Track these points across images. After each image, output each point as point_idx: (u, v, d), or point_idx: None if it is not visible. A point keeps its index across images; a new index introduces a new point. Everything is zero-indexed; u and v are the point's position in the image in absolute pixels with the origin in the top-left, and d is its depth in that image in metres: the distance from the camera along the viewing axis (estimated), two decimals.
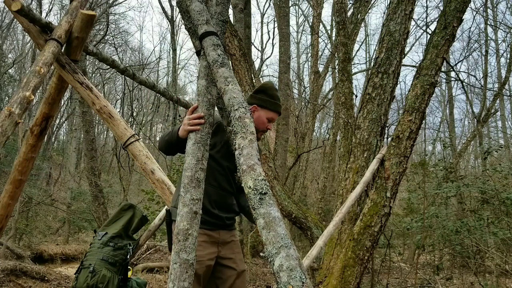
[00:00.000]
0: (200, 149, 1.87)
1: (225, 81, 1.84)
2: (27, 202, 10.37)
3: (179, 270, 1.64)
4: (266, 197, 1.43)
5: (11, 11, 2.51)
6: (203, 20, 2.05)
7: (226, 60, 1.93)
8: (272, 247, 1.30)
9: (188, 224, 1.71)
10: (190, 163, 1.85)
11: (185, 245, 1.67)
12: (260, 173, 1.50)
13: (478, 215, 6.39)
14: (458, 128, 19.48)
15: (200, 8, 2.10)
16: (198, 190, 1.79)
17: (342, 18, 6.46)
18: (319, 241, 3.39)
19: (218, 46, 1.97)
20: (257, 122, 2.23)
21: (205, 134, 1.91)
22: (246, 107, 1.75)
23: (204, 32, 2.02)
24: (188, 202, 1.76)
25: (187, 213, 1.74)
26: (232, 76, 1.87)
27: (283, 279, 1.21)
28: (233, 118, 1.72)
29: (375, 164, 4.04)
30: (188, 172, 1.83)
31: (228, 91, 1.80)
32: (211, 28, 2.03)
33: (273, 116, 2.27)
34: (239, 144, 1.62)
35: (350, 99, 6.49)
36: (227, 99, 1.79)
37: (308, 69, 19.29)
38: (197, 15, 2.08)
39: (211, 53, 1.94)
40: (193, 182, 1.79)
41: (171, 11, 17.63)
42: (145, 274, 7.96)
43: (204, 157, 1.87)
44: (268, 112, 2.26)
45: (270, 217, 1.37)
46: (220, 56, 1.93)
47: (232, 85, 1.82)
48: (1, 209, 3.00)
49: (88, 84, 2.80)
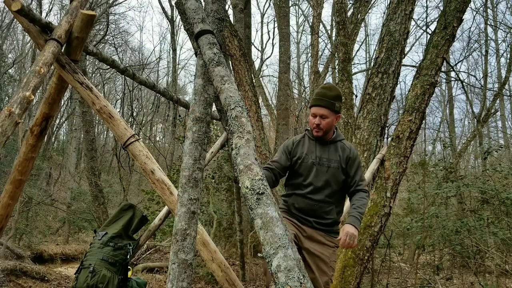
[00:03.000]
0: (198, 149, 1.85)
1: (221, 80, 1.82)
2: (27, 202, 10.36)
3: (178, 270, 1.64)
4: (263, 197, 1.42)
5: (11, 11, 2.51)
6: (199, 18, 2.02)
7: (222, 59, 1.90)
8: (270, 248, 1.29)
9: (186, 224, 1.70)
10: (187, 162, 1.83)
11: (183, 245, 1.66)
12: (257, 173, 1.48)
13: (478, 215, 6.39)
14: (458, 128, 19.48)
15: (196, 6, 2.07)
16: (195, 190, 1.76)
17: (342, 18, 6.46)
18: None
19: (214, 44, 1.95)
20: (310, 123, 2.43)
21: (202, 133, 1.89)
22: (243, 106, 1.74)
23: (199, 30, 1.99)
24: (186, 202, 1.74)
25: (185, 213, 1.72)
26: (229, 75, 1.85)
27: (281, 279, 1.20)
28: (230, 117, 1.70)
29: (375, 164, 4.04)
30: (185, 172, 1.82)
31: (225, 90, 1.78)
32: (206, 26, 2.00)
33: (313, 111, 2.40)
34: (236, 144, 1.60)
35: (350, 99, 6.49)
36: (224, 98, 1.76)
37: (308, 69, 19.28)
38: (192, 13, 2.05)
39: (207, 51, 1.92)
40: (191, 182, 1.77)
41: (171, 11, 17.63)
42: (145, 274, 7.95)
43: (201, 156, 1.84)
44: (311, 109, 2.43)
45: (268, 217, 1.36)
46: (216, 54, 1.90)
47: (229, 84, 1.79)
48: (1, 209, 3.00)
49: (88, 84, 2.80)
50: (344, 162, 2.40)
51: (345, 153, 2.41)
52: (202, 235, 2.63)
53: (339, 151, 2.42)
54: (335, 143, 2.44)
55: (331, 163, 2.40)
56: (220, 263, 2.65)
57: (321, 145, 2.43)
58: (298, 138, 2.53)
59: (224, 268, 2.66)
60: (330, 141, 2.44)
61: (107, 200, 11.53)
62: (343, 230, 2.21)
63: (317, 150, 2.42)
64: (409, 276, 7.44)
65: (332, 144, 2.44)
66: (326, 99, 2.35)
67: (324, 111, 2.35)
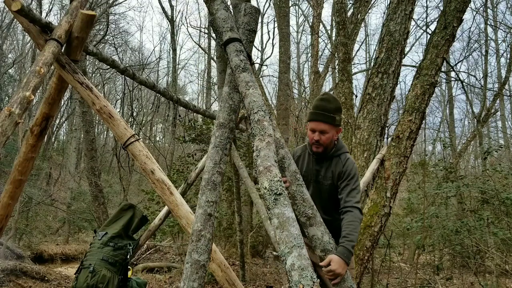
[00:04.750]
0: (218, 153, 1.91)
1: (246, 86, 1.88)
2: (27, 202, 10.36)
3: (190, 270, 1.67)
4: (281, 198, 1.47)
5: (11, 11, 2.51)
6: (228, 27, 2.08)
7: (248, 66, 1.96)
8: (285, 247, 1.35)
9: (201, 225, 1.74)
10: (208, 166, 1.90)
11: (197, 245, 1.70)
12: (276, 174, 1.53)
13: (478, 215, 6.39)
14: (458, 128, 19.51)
15: (225, 16, 2.12)
16: (213, 193, 1.82)
17: (342, 18, 6.47)
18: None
19: (241, 52, 2.01)
20: (309, 137, 2.28)
21: (224, 139, 1.95)
22: (265, 110, 1.79)
23: (228, 38, 2.05)
24: (203, 204, 1.79)
25: (202, 215, 1.77)
26: (253, 81, 1.91)
27: (294, 277, 1.25)
28: (253, 121, 1.76)
29: (375, 164, 4.04)
30: (205, 175, 1.89)
31: (249, 95, 1.84)
32: (235, 34, 2.06)
33: (312, 126, 2.23)
34: (257, 146, 1.66)
35: (350, 99, 6.50)
36: (248, 103, 1.83)
37: (308, 69, 19.30)
38: (222, 22, 2.11)
39: (234, 58, 1.97)
40: (209, 185, 1.84)
41: (171, 11, 17.64)
42: (145, 274, 7.96)
43: (222, 160, 1.90)
44: (309, 123, 2.27)
45: (284, 217, 1.41)
46: (242, 61, 1.96)
47: (253, 89, 1.86)
48: (1, 209, 3.00)
49: (88, 84, 2.80)
50: (336, 178, 2.23)
51: (338, 169, 2.23)
52: None
53: (333, 166, 2.26)
54: (332, 159, 2.28)
55: (326, 180, 2.26)
56: (220, 263, 2.65)
57: (319, 161, 2.30)
58: (299, 153, 2.40)
59: (224, 268, 2.65)
60: (329, 156, 2.28)
61: (107, 200, 11.53)
62: (329, 260, 1.88)
63: (314, 166, 2.30)
64: (409, 276, 7.44)
65: (329, 160, 2.28)
66: (325, 113, 2.18)
67: (324, 126, 2.18)
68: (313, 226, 1.77)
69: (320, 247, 1.76)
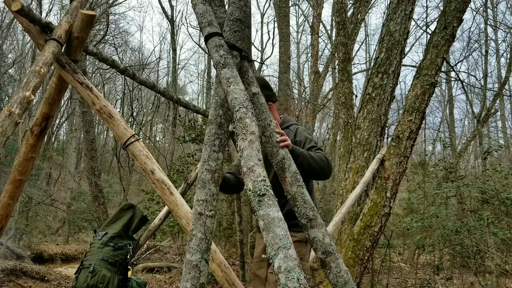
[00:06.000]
0: (206, 150, 1.83)
1: (227, 82, 1.79)
2: (27, 202, 10.36)
3: (184, 270, 1.65)
4: (265, 198, 1.41)
5: (11, 11, 2.51)
6: (206, 22, 2.00)
7: (229, 60, 1.87)
8: (271, 249, 1.30)
9: (192, 225, 1.70)
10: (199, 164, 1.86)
11: (189, 245, 1.66)
12: (259, 173, 1.48)
13: (478, 215, 6.39)
14: (458, 128, 19.49)
15: (203, 10, 2.05)
16: (203, 191, 1.74)
17: (342, 18, 6.47)
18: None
19: (221, 46, 1.92)
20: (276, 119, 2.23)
21: (212, 135, 1.85)
22: (248, 106, 1.71)
23: (207, 34, 1.97)
24: (195, 203, 1.74)
25: (193, 214, 1.72)
26: (234, 76, 1.82)
27: (282, 280, 1.21)
28: (235, 119, 1.69)
29: (375, 164, 4.04)
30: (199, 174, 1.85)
31: (230, 92, 1.76)
32: (214, 29, 1.98)
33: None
34: (240, 146, 1.60)
35: (350, 99, 6.50)
36: (230, 100, 1.75)
37: (308, 69, 19.30)
38: (200, 17, 2.03)
39: (214, 55, 1.90)
40: (198, 183, 1.77)
41: (171, 11, 17.63)
42: (145, 274, 7.96)
43: (210, 158, 1.81)
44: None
45: (269, 219, 1.36)
46: (222, 57, 1.88)
47: (234, 85, 1.77)
48: (1, 209, 3.00)
49: (88, 84, 2.80)
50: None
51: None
52: None
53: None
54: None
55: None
56: (220, 263, 2.64)
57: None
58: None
59: (224, 268, 2.65)
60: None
61: (107, 200, 11.53)
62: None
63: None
64: (409, 276, 7.44)
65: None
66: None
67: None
68: (314, 228, 1.74)
69: (321, 249, 1.72)
